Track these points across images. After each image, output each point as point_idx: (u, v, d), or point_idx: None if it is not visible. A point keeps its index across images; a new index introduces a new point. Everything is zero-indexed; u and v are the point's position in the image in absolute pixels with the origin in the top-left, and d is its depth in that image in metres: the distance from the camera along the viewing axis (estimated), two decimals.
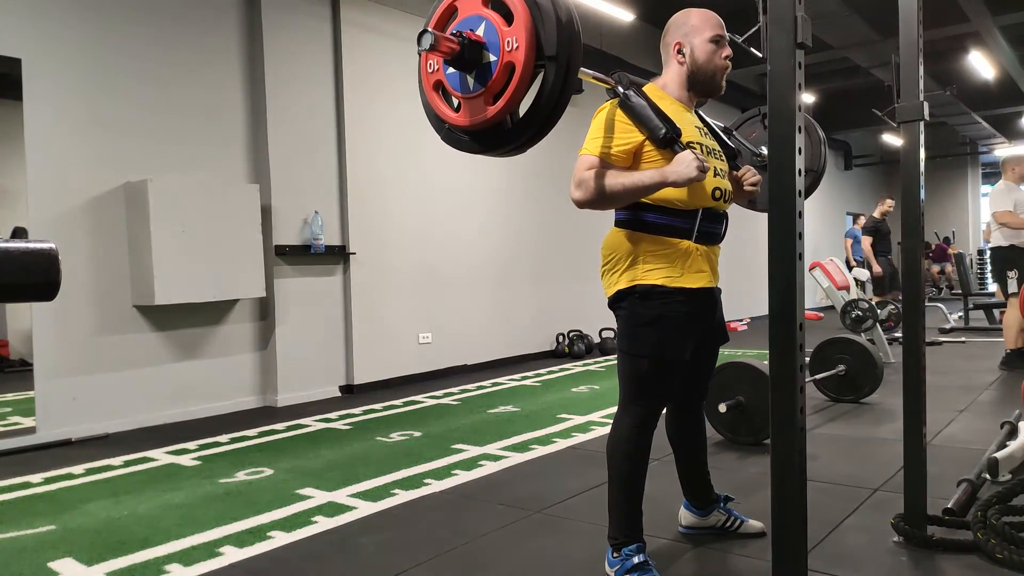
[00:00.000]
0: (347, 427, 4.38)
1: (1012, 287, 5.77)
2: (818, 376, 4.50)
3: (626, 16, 6.81)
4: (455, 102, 1.76)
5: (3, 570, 2.37)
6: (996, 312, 8.69)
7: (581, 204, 1.98)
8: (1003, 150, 15.87)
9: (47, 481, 3.39)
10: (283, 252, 5.19)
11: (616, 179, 1.94)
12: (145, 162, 4.55)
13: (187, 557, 2.41)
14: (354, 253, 5.61)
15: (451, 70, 1.73)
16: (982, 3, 7.09)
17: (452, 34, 1.66)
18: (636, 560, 2.01)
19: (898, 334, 6.27)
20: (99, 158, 4.38)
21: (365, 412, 4.82)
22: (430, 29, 1.60)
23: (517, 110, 1.68)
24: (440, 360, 6.27)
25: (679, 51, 2.11)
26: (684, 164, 1.88)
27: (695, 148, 2.00)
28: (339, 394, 5.54)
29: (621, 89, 2.01)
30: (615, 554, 2.05)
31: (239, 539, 2.55)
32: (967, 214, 16.78)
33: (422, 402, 5.13)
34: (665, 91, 2.13)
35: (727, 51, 2.10)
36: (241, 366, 5.07)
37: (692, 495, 2.40)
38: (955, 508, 2.43)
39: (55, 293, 0.80)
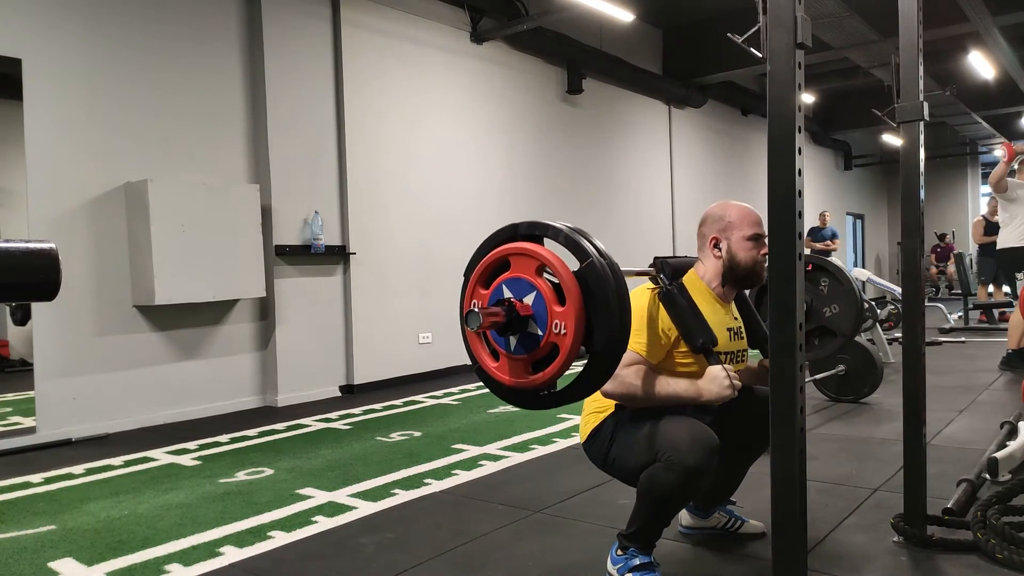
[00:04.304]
0: (347, 427, 4.38)
1: (1021, 288, 5.77)
2: (818, 376, 4.50)
3: (626, 16, 6.81)
4: (494, 349, 1.68)
5: (3, 570, 2.37)
6: (995, 312, 8.70)
7: (610, 396, 1.97)
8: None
9: (47, 481, 3.39)
10: (283, 252, 5.19)
11: (653, 387, 1.92)
12: (145, 162, 4.55)
13: (187, 557, 2.41)
14: (354, 253, 5.61)
15: None
16: (982, 3, 7.09)
17: (500, 302, 1.60)
18: (638, 561, 2.00)
19: (898, 334, 6.27)
20: (99, 158, 4.38)
21: (365, 412, 4.82)
22: (476, 310, 1.54)
23: (555, 384, 1.63)
24: (440, 360, 6.27)
25: (715, 245, 2.11)
26: (718, 385, 1.89)
27: (723, 360, 2.00)
28: (339, 394, 5.54)
29: (664, 283, 1.99)
30: (619, 551, 2.04)
31: (239, 539, 2.55)
32: (967, 214, 16.78)
33: (422, 402, 5.13)
34: (704, 280, 2.12)
35: (766, 248, 2.07)
36: (241, 366, 5.07)
37: (706, 499, 2.36)
38: (955, 508, 2.43)
39: (55, 293, 0.80)
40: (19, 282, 0.78)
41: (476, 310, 1.55)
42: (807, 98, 11.44)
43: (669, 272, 2.01)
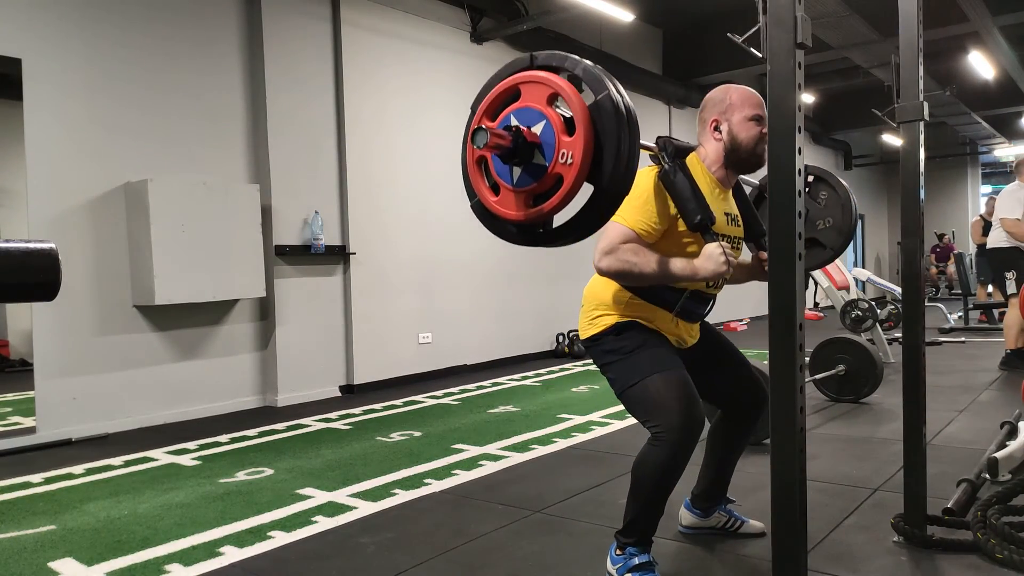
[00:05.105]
0: (347, 427, 4.38)
1: (1011, 288, 5.78)
2: (818, 376, 4.50)
3: (626, 16, 6.81)
4: (495, 183, 1.67)
5: (3, 570, 2.37)
6: (995, 312, 8.70)
7: (605, 273, 1.97)
8: (1004, 150, 15.87)
9: (47, 481, 3.39)
10: (283, 252, 5.19)
11: (650, 265, 1.91)
12: (145, 162, 4.55)
13: (187, 557, 2.41)
14: (354, 253, 5.61)
15: None
16: (982, 3, 7.09)
17: (507, 128, 1.56)
18: (638, 560, 2.01)
19: (898, 334, 6.27)
20: (99, 158, 4.38)
21: (365, 412, 4.82)
22: (484, 127, 1.51)
23: (552, 220, 1.62)
24: (440, 360, 6.27)
25: (716, 128, 2.10)
26: (713, 261, 1.89)
27: (722, 240, 2.00)
28: (339, 394, 5.54)
29: (666, 161, 1.97)
30: (618, 551, 2.04)
31: (239, 539, 2.55)
32: (967, 214, 16.78)
33: (422, 402, 5.13)
34: (705, 164, 2.11)
35: (766, 128, 2.08)
36: (241, 366, 5.07)
37: (703, 497, 2.38)
38: (955, 508, 2.43)
39: (55, 293, 0.80)
40: (19, 282, 0.78)
41: (484, 127, 1.50)
42: (807, 98, 11.44)
43: (672, 151, 1.98)
